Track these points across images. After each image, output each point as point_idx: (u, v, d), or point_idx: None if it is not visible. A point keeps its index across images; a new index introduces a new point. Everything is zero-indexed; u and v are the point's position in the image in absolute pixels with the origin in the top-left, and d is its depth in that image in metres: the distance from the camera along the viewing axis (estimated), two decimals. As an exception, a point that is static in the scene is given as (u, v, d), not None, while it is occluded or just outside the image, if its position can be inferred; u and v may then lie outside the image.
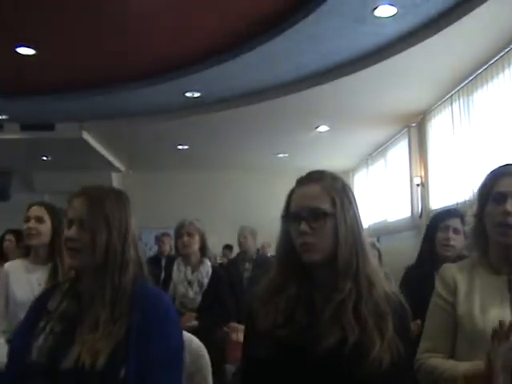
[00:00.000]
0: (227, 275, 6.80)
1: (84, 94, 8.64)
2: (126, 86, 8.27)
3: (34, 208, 3.50)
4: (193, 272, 4.71)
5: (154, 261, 7.98)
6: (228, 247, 11.70)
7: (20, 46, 6.97)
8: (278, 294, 1.84)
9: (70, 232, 1.95)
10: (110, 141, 11.31)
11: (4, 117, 9.88)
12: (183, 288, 4.65)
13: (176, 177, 13.97)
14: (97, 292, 1.92)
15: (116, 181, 14.10)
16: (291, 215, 1.86)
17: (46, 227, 3.44)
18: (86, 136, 10.47)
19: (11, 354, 2.02)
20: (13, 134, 10.51)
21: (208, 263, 4.78)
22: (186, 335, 2.12)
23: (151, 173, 13.82)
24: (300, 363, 1.74)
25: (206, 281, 4.69)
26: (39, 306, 2.03)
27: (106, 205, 1.97)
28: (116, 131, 10.48)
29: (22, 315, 3.42)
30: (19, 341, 2.00)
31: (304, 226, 1.79)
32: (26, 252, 3.57)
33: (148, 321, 1.88)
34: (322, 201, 1.82)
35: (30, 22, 6.32)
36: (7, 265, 3.64)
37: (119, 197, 2.05)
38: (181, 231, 4.70)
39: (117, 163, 13.25)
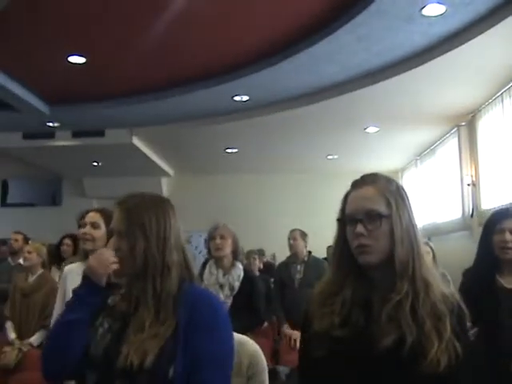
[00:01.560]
0: (278, 277, 6.85)
1: (134, 100, 8.78)
2: (175, 91, 8.37)
3: (90, 214, 3.60)
4: (224, 275, 4.71)
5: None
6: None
7: (71, 55, 7.12)
8: (334, 295, 1.86)
9: (111, 242, 2.04)
10: (159, 146, 11.45)
11: (56, 124, 10.08)
12: (214, 291, 4.64)
13: (225, 180, 14.07)
14: (140, 297, 1.97)
15: (165, 185, 14.25)
16: (347, 218, 1.87)
17: (101, 233, 3.53)
18: (136, 141, 10.62)
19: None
20: (64, 141, 10.74)
21: (240, 266, 4.79)
22: (244, 338, 2.13)
23: (200, 177, 13.93)
24: (357, 364, 1.75)
25: (237, 284, 4.69)
26: (102, 299, 2.09)
27: (142, 213, 2.00)
28: (165, 136, 10.60)
29: None
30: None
31: (360, 228, 1.80)
32: (85, 256, 3.67)
33: (196, 320, 1.90)
34: (377, 203, 1.83)
35: (81, 30, 6.46)
36: (66, 268, 3.77)
37: (157, 203, 2.07)
38: (214, 234, 4.72)
39: (166, 168, 13.39)
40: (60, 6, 5.87)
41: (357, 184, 1.92)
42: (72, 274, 3.62)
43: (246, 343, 2.14)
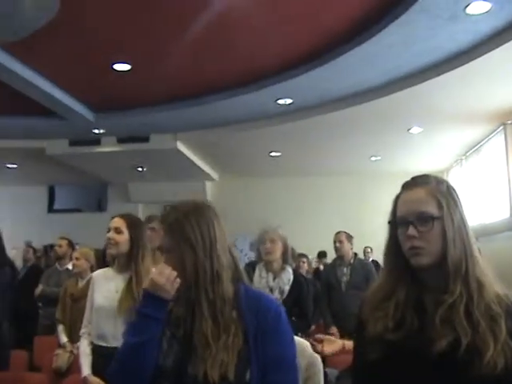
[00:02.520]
0: (325, 280, 6.84)
1: (178, 105, 8.87)
2: (218, 95, 8.43)
3: (115, 220, 3.71)
4: (274, 279, 4.71)
5: (253, 267, 8.04)
6: (322, 254, 11.73)
7: (116, 63, 7.24)
8: (387, 298, 1.85)
9: (163, 260, 2.04)
10: (203, 150, 11.54)
11: (101, 131, 10.25)
12: None
13: (269, 183, 14.10)
14: (196, 308, 1.98)
15: (210, 189, 14.34)
16: (398, 220, 1.86)
17: (124, 237, 3.63)
18: (180, 146, 10.73)
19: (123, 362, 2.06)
20: (110, 147, 10.91)
21: (289, 270, 4.79)
22: (300, 340, 2.15)
23: (244, 180, 13.98)
24: (412, 367, 1.74)
25: (287, 288, 4.70)
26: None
27: (184, 227, 2.00)
28: (209, 140, 10.67)
29: (97, 320, 3.61)
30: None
31: (412, 231, 1.80)
32: (112, 260, 3.80)
33: (263, 323, 1.93)
34: (428, 204, 1.82)
35: (126, 38, 6.56)
36: (94, 273, 3.91)
37: (198, 212, 2.06)
38: (264, 237, 4.72)
39: (210, 172, 13.47)
40: (105, 15, 5.98)
41: (407, 186, 1.91)
42: (99, 279, 3.74)
43: (302, 345, 2.16)
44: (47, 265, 10.85)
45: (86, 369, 3.57)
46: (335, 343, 3.06)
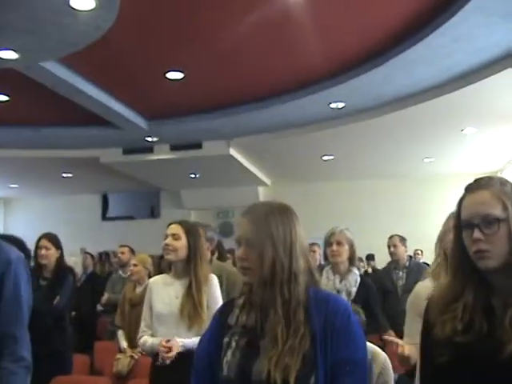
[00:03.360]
0: (380, 284, 6.79)
1: (230, 111, 8.95)
2: (271, 100, 8.49)
3: (172, 226, 3.75)
4: (341, 281, 4.69)
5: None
6: (371, 257, 11.69)
7: (169, 71, 7.34)
8: (455, 300, 1.84)
9: (239, 251, 2.03)
10: (255, 155, 11.58)
11: (155, 139, 10.39)
12: None
13: (321, 187, 14.06)
14: (269, 306, 1.98)
15: (262, 194, 14.34)
16: (463, 223, 1.85)
17: (182, 244, 3.66)
18: (233, 152, 10.79)
19: (197, 374, 2.12)
20: (163, 155, 11.05)
21: (356, 272, 4.75)
22: (373, 346, 2.14)
23: (297, 185, 13.94)
24: (481, 370, 1.73)
25: (354, 290, 4.66)
26: (221, 322, 2.12)
27: (270, 222, 2.01)
28: (262, 146, 10.71)
29: (157, 326, 3.65)
30: (205, 358, 2.10)
31: (477, 234, 1.78)
32: (168, 267, 3.83)
33: (332, 327, 1.91)
34: (493, 207, 1.80)
35: (179, 47, 6.65)
36: (151, 280, 3.96)
37: (283, 211, 2.07)
38: (330, 240, 4.69)
39: (263, 177, 13.49)
40: (158, 26, 6.08)
41: (471, 188, 1.89)
42: (157, 286, 3.78)
43: (376, 351, 2.15)
44: (102, 271, 11.07)
45: (156, 341, 3.60)
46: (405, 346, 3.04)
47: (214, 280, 3.79)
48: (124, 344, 5.75)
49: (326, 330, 1.91)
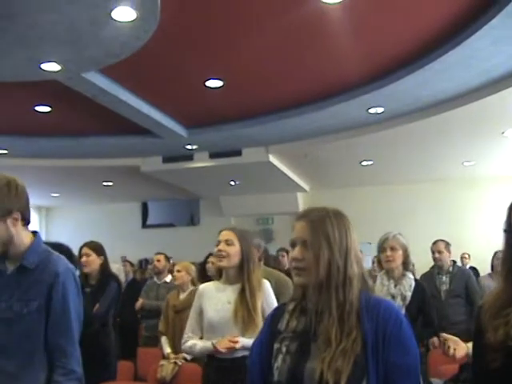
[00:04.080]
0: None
1: (269, 118, 8.98)
2: (309, 106, 8.48)
3: (225, 232, 3.76)
4: (395, 286, 4.67)
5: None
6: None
7: (209, 79, 7.39)
8: (507, 305, 1.81)
9: (295, 252, 2.05)
10: (295, 162, 11.56)
11: (194, 147, 10.46)
12: None
13: (361, 193, 13.97)
14: (323, 308, 1.99)
15: (301, 201, 14.33)
16: None
17: (235, 250, 3.67)
18: (272, 159, 10.81)
19: (251, 377, 2.15)
20: (202, 163, 11.13)
21: (411, 276, 4.71)
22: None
23: (335, 190, 13.90)
24: None
25: (408, 294, 4.63)
26: (271, 328, 2.14)
27: (326, 225, 2.03)
28: (301, 152, 10.69)
29: (209, 332, 3.63)
30: (257, 363, 2.12)
31: None
32: (219, 273, 3.83)
33: (384, 332, 1.92)
34: None
35: (218, 55, 6.69)
36: (202, 286, 3.93)
37: (338, 216, 2.10)
38: (384, 245, 4.65)
39: (302, 183, 13.48)
40: (197, 35, 6.13)
41: None
42: (208, 292, 3.78)
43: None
44: (142, 278, 11.18)
45: (208, 343, 3.61)
46: (461, 345, 3.01)
47: (267, 284, 3.80)
48: (167, 350, 5.78)
49: (378, 336, 1.92)
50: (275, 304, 3.64)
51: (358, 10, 5.66)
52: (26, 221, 2.57)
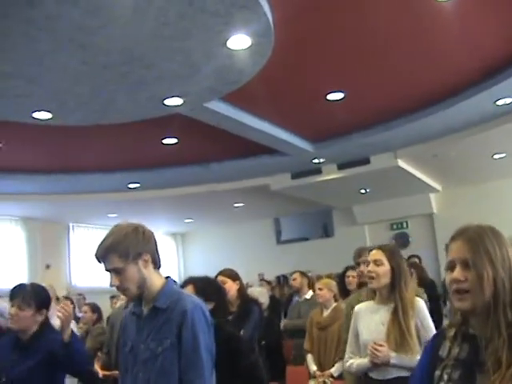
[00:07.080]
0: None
1: (394, 123, 8.89)
2: (434, 107, 8.32)
3: (374, 252, 3.69)
4: None
5: None
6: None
7: (330, 93, 7.40)
8: None
9: (455, 274, 1.93)
10: (424, 163, 11.32)
11: (321, 160, 10.47)
12: None
13: (495, 187, 13.25)
14: (492, 332, 1.87)
15: (434, 201, 14.00)
16: None
17: (384, 270, 3.59)
18: (401, 163, 10.64)
19: None
20: (331, 175, 11.11)
21: None
22: None
23: (468, 187, 13.43)
24: None
25: None
26: (432, 354, 2.05)
27: (485, 241, 1.92)
28: (429, 153, 10.45)
29: (365, 353, 3.53)
30: None
31: None
32: (372, 294, 3.75)
33: None
34: None
35: (338, 67, 6.70)
36: (357, 306, 3.84)
37: (496, 232, 1.98)
38: None
39: (433, 184, 13.16)
40: (313, 50, 6.15)
41: None
42: (362, 313, 3.72)
43: None
44: (281, 295, 11.25)
45: (364, 360, 3.57)
46: None
47: (420, 303, 3.66)
48: (313, 368, 5.77)
49: None
50: (431, 325, 3.56)
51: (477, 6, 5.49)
52: (156, 264, 2.69)
